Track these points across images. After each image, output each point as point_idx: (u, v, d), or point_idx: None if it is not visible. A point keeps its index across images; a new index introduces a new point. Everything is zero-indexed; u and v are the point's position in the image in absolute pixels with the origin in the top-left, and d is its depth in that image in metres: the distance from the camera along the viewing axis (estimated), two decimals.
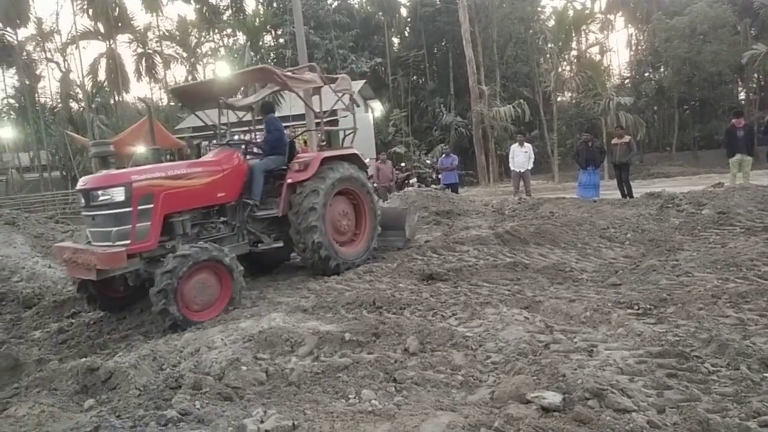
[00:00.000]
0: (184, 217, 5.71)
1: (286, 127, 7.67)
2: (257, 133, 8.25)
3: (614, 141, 12.57)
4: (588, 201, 10.65)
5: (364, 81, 29.38)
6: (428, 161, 26.07)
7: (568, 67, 29.94)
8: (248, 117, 8.49)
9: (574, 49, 32.69)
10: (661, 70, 38.93)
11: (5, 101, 42.33)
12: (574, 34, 28.34)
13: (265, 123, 7.04)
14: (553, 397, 2.98)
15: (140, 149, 24.15)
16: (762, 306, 4.35)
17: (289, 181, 6.45)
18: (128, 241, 5.17)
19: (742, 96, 41.82)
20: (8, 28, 36.15)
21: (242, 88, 8.75)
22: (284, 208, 6.41)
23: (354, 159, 7.15)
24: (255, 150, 7.02)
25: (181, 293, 5.00)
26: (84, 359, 4.04)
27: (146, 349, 4.18)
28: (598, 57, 35.30)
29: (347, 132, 7.62)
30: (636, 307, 4.51)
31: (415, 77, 38.65)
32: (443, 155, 16.69)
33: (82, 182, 5.48)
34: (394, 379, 3.54)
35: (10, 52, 36.57)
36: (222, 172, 6.09)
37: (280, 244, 6.53)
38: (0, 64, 38.07)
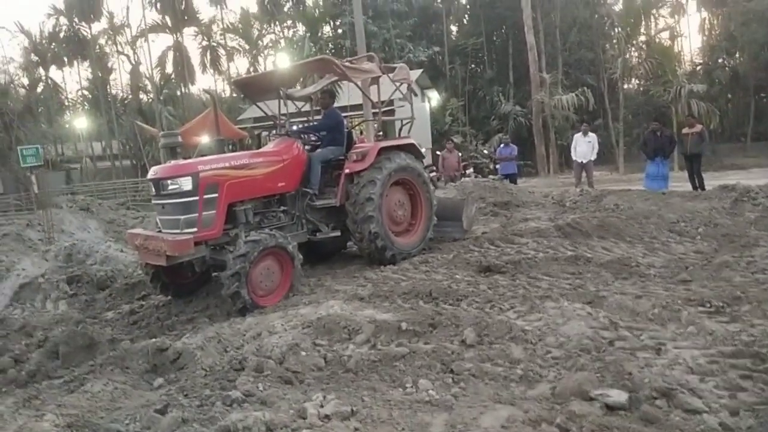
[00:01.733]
0: (246, 206, 5.85)
1: (344, 116, 7.75)
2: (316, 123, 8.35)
3: (685, 130, 11.92)
4: (656, 193, 10.18)
5: (421, 70, 29.18)
6: (485, 151, 25.67)
7: (636, 54, 28.58)
8: (307, 107, 8.61)
9: (643, 34, 31.19)
10: (737, 55, 36.60)
11: (80, 93, 44.81)
12: (643, 19, 26.99)
13: (325, 114, 7.11)
14: (618, 396, 2.89)
15: (205, 139, 25.06)
16: None
17: (347, 171, 6.52)
18: (195, 229, 5.36)
19: None
20: (83, 23, 38.17)
21: (302, 79, 8.87)
22: (341, 197, 6.49)
23: (411, 149, 7.15)
24: (314, 140, 7.12)
25: (249, 278, 5.19)
26: (154, 340, 4.25)
27: (212, 332, 4.34)
28: (668, 42, 33.61)
29: (404, 122, 7.59)
30: (708, 305, 4.29)
31: (473, 66, 38.02)
32: (502, 145, 16.35)
33: (152, 172, 5.71)
34: (451, 370, 3.53)
35: (84, 45, 38.60)
36: (282, 162, 6.21)
37: (338, 233, 6.62)
38: (75, 57, 40.23)
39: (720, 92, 34.89)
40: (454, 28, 41.57)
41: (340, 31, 36.82)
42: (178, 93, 39.63)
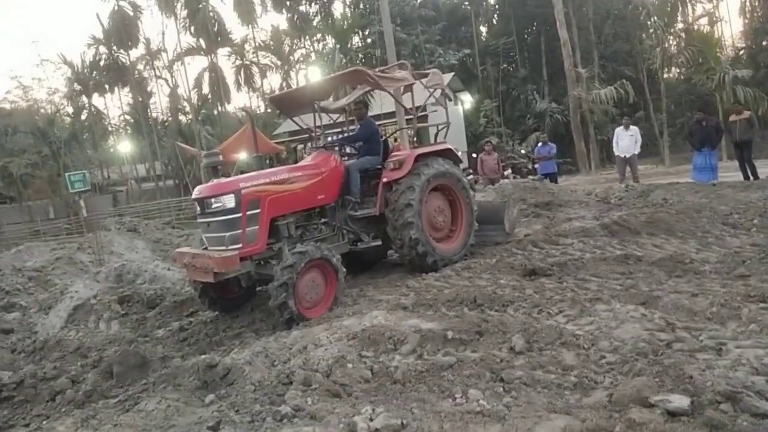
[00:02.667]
0: (288, 220, 5.93)
1: (378, 124, 7.77)
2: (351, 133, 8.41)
3: (732, 118, 11.43)
4: (706, 185, 9.79)
5: (452, 74, 29.07)
6: (523, 151, 25.29)
7: (674, 42, 27.72)
8: (342, 119, 8.67)
9: (680, 21, 30.24)
10: None
11: (122, 118, 46.47)
12: (680, 6, 26.18)
13: (360, 124, 7.15)
14: (680, 401, 2.75)
15: (243, 156, 25.60)
16: None
17: (385, 179, 6.52)
18: (240, 245, 5.44)
19: None
20: (121, 51, 39.64)
21: (335, 91, 8.96)
22: (381, 206, 6.49)
23: (448, 154, 7.11)
24: (350, 150, 7.11)
25: (295, 289, 5.25)
26: (203, 356, 4.31)
27: (259, 347, 4.37)
28: (708, 29, 32.47)
29: (440, 127, 7.54)
30: None
31: (505, 65, 37.69)
32: (539, 144, 16.05)
33: (197, 192, 5.79)
34: (501, 378, 3.44)
35: (124, 72, 40.07)
36: (321, 174, 6.26)
37: (379, 242, 6.64)
38: (116, 83, 41.81)
39: (766, 76, 33.48)
40: (483, 29, 41.33)
41: (369, 40, 37.11)
42: (215, 112, 40.66)
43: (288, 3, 39.21)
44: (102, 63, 40.65)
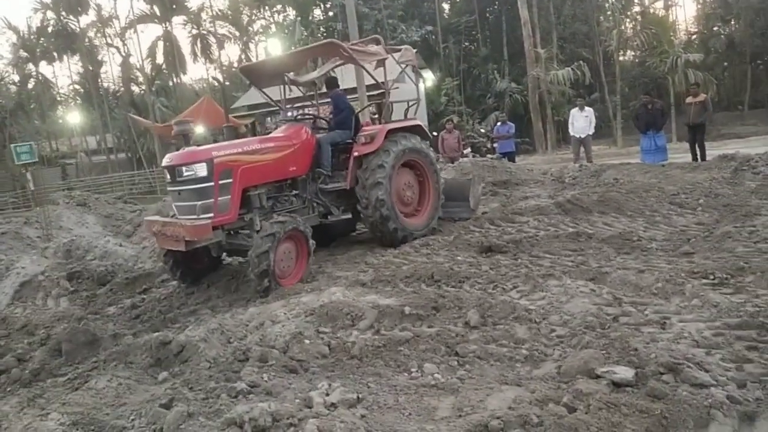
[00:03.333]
0: (260, 191, 5.94)
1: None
2: (321, 107, 8.31)
3: (689, 100, 11.76)
4: (655, 166, 10.12)
5: (414, 50, 28.84)
6: (482, 130, 25.50)
7: (631, 25, 28.28)
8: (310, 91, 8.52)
9: (637, 4, 30.83)
10: (732, 23, 36.24)
11: (71, 87, 44.42)
12: None
13: (331, 98, 7.14)
14: (624, 372, 2.88)
15: (200, 129, 24.88)
16: None
17: (356, 154, 6.55)
18: (211, 214, 5.43)
19: None
20: (70, 17, 37.70)
21: (306, 64, 8.80)
22: (351, 180, 6.54)
23: (418, 130, 7.16)
24: (320, 124, 7.11)
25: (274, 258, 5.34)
26: (157, 333, 4.23)
27: (214, 323, 4.32)
28: (663, 12, 33.24)
29: (411, 103, 7.52)
30: (711, 277, 4.28)
31: (467, 44, 37.63)
32: (499, 123, 16.21)
33: (167, 159, 5.71)
34: (456, 353, 3.52)
35: (74, 39, 38.17)
36: (293, 146, 6.28)
37: (349, 215, 6.71)
38: (65, 51, 39.81)
39: (716, 61, 34.63)
40: (446, 6, 41.05)
41: (330, 13, 36.38)
42: (170, 83, 39.31)
43: None
44: (50, 29, 38.57)
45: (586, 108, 13.38)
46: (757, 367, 2.93)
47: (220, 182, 5.47)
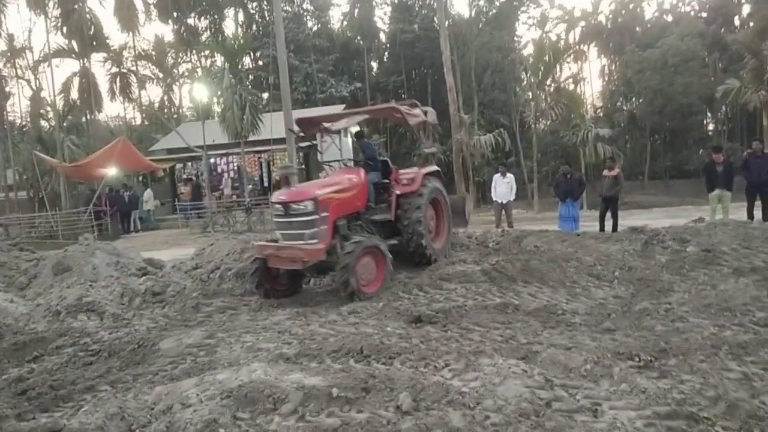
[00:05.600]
0: (342, 222, 7.31)
1: (264, 150, 8.70)
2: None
3: (605, 173, 12.53)
4: (571, 234, 10.55)
5: (344, 106, 29.32)
6: None
7: (546, 98, 30.38)
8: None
9: (551, 80, 33.23)
10: (633, 100, 39.91)
11: None
12: (552, 67, 28.79)
13: (360, 146, 8.75)
14: None
15: (111, 171, 23.58)
16: (764, 359, 4.22)
17: (398, 192, 8.07)
18: (316, 240, 6.85)
19: (710, 127, 43.10)
20: None
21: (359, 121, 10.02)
22: (394, 212, 8.04)
23: (437, 174, 9.07)
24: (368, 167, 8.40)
25: (354, 270, 6.66)
26: (45, 418, 3.68)
27: (114, 406, 3.82)
28: (572, 86, 36.01)
29: (429, 154, 9.19)
30: (636, 359, 4.32)
31: (394, 102, 38.80)
32: None
33: (281, 196, 7.18)
34: None
35: None
36: (360, 185, 7.68)
37: (395, 241, 7.94)
38: None
39: (619, 134, 37.75)
40: (375, 65, 42.41)
41: (260, 63, 36.48)
42: (84, 120, 37.33)
43: (175, 14, 37.43)
44: None
45: (508, 174, 13.93)
46: None
47: (321, 215, 6.89)
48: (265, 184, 26.67)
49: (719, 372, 4.04)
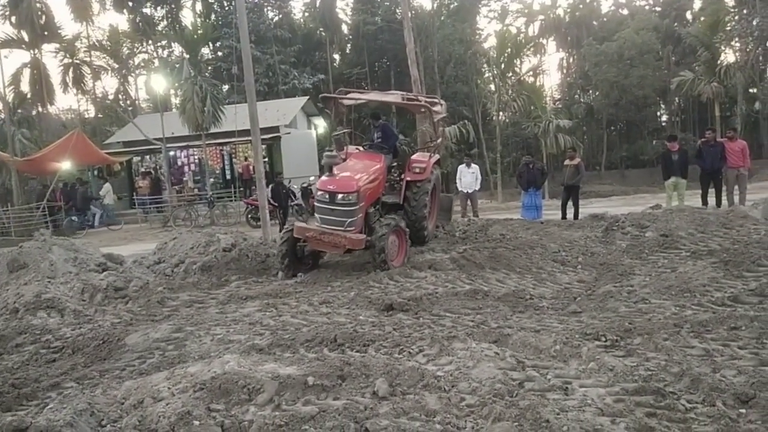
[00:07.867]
0: (370, 210, 8.00)
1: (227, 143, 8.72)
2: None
3: (566, 162, 12.82)
4: (535, 222, 10.77)
5: (307, 98, 29.05)
6: None
7: (508, 90, 30.82)
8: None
9: (513, 73, 33.70)
10: (590, 92, 40.85)
11: None
12: (514, 60, 29.21)
13: (380, 127, 9.31)
14: None
15: (66, 165, 22.73)
16: (723, 335, 4.41)
17: (409, 179, 8.67)
18: (354, 228, 7.47)
19: (664, 118, 44.54)
20: None
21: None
22: (402, 197, 8.65)
23: (438, 162, 9.93)
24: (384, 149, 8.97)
25: (385, 245, 7.41)
26: (10, 416, 3.54)
27: (83, 402, 3.70)
28: (532, 79, 36.63)
29: (432, 145, 9.97)
30: (603, 339, 4.46)
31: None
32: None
33: (327, 185, 7.60)
34: (366, 429, 3.27)
35: None
36: (383, 174, 8.34)
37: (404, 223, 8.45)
38: None
39: (577, 125, 38.59)
40: (337, 57, 42.09)
41: (220, 53, 35.75)
42: (34, 113, 35.87)
43: (130, 3, 36.26)
44: None
45: (473, 165, 14.11)
46: None
47: (360, 205, 7.52)
48: (228, 177, 26.21)
49: (682, 349, 4.20)
